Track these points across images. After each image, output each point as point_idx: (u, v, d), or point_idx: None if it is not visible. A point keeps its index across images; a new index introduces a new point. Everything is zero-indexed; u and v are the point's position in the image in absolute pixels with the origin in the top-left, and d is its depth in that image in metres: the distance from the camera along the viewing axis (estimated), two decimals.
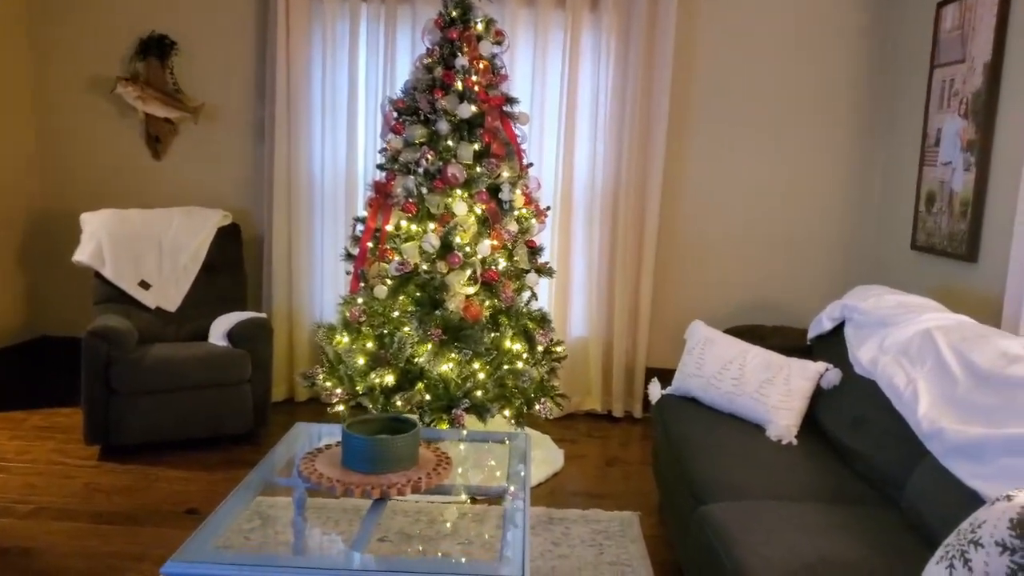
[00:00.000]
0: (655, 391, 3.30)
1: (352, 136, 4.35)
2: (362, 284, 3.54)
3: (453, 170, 3.34)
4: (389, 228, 3.45)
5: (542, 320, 3.58)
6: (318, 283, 4.49)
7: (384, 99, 3.70)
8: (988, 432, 1.88)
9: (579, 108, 4.30)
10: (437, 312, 3.36)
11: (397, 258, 3.40)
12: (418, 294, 3.41)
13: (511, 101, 3.56)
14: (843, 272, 4.44)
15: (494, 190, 3.48)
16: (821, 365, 2.90)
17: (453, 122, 3.42)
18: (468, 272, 3.37)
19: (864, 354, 2.72)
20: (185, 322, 4.09)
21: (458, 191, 3.41)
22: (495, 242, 3.44)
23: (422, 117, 3.49)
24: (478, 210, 3.44)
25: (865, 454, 2.48)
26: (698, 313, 4.51)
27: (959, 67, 3.46)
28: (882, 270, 4.17)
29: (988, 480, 1.83)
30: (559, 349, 3.64)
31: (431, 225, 3.41)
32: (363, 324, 3.47)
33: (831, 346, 3.11)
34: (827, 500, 2.26)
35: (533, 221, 3.60)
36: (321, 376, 3.56)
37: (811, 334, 3.28)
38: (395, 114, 3.57)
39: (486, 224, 3.44)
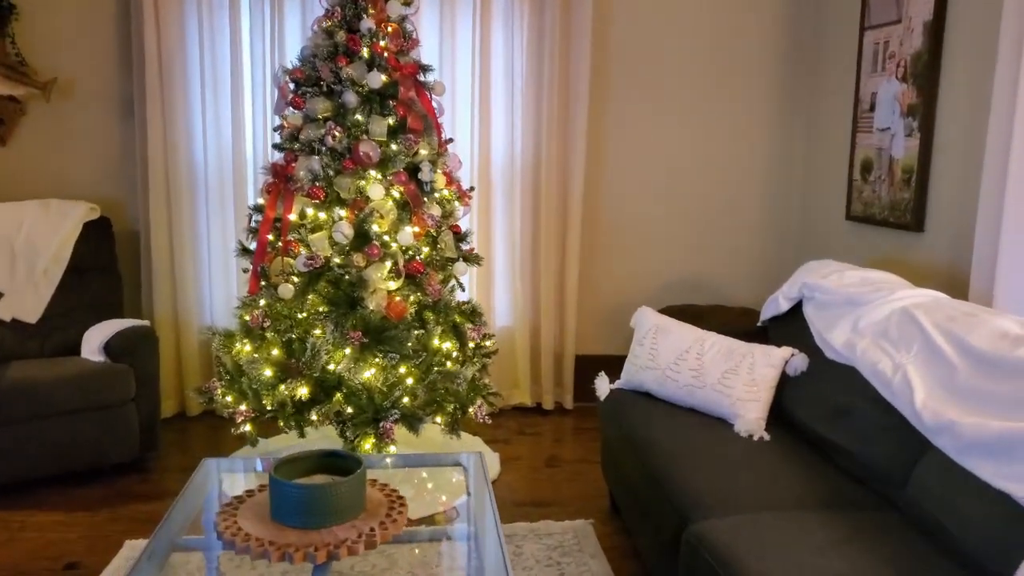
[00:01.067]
0: (603, 386, 3.01)
1: (238, 112, 3.81)
2: (263, 283, 3.07)
3: (366, 148, 2.91)
4: (292, 217, 2.99)
5: (472, 313, 3.21)
6: (206, 282, 3.95)
7: (278, 69, 3.21)
8: (1015, 427, 1.68)
9: (493, 77, 3.94)
10: (355, 312, 2.94)
11: (304, 251, 2.94)
12: (331, 292, 2.97)
13: (425, 69, 3.15)
14: (774, 247, 4.30)
15: (412, 170, 3.07)
16: (786, 350, 2.69)
17: (362, 93, 2.98)
18: (388, 264, 2.97)
19: (836, 337, 2.52)
20: (51, 335, 3.47)
21: (372, 172, 2.99)
22: (417, 229, 3.04)
23: (325, 88, 3.03)
24: (396, 193, 3.02)
25: (850, 449, 2.28)
26: (627, 295, 4.27)
27: (894, 28, 3.32)
28: (816, 243, 4.04)
29: (1022, 481, 1.63)
30: (490, 344, 3.29)
31: (342, 212, 2.98)
32: (267, 329, 3.00)
33: (788, 328, 2.91)
34: (822, 507, 2.03)
35: (456, 204, 3.22)
36: (220, 391, 3.07)
37: (765, 315, 3.07)
38: (292, 85, 3.09)
39: (405, 209, 3.04)
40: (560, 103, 3.94)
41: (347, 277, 2.93)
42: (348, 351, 2.90)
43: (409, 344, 2.95)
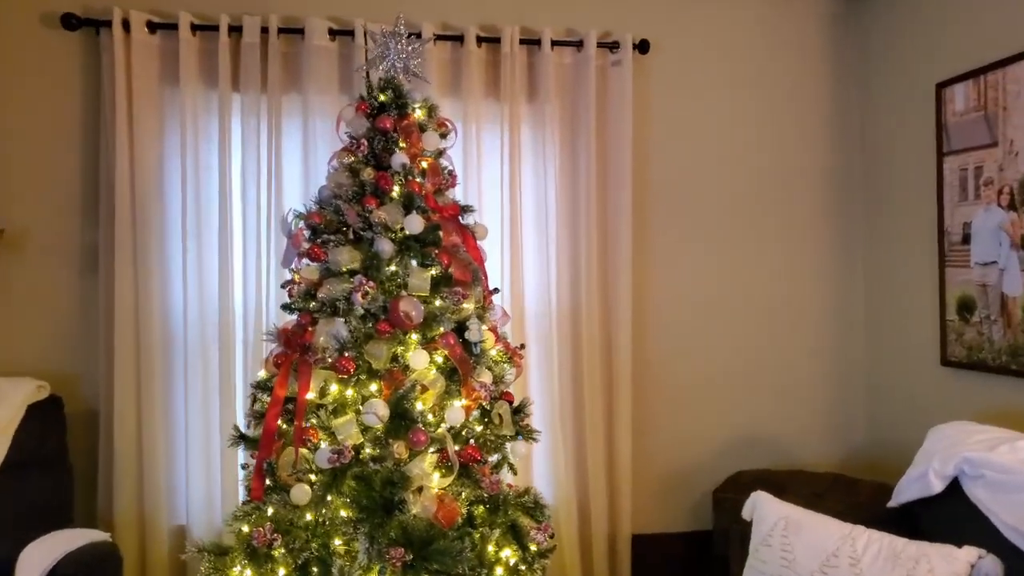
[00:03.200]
0: None
1: (226, 265, 3.21)
2: (268, 484, 2.37)
3: (406, 307, 2.31)
4: (311, 395, 2.34)
5: (536, 508, 2.54)
6: (181, 476, 3.19)
7: (288, 212, 2.65)
8: None
9: (524, 214, 3.45)
10: (390, 518, 2.24)
11: (325, 441, 2.28)
12: (361, 493, 2.28)
13: (466, 210, 2.63)
14: (841, 396, 3.76)
15: (457, 330, 2.48)
16: (970, 551, 2.08)
17: (397, 240, 2.43)
18: (434, 452, 2.31)
19: None
20: None
21: (413, 335, 2.38)
22: (467, 402, 2.41)
23: (352, 235, 2.47)
24: (439, 359, 2.41)
25: None
26: (682, 462, 3.64)
27: (988, 151, 2.96)
28: (900, 394, 3.50)
29: None
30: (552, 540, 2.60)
31: (372, 387, 2.34)
32: (275, 547, 2.27)
33: (944, 514, 2.32)
34: None
35: (506, 366, 2.62)
36: None
37: (904, 496, 2.48)
38: (308, 233, 2.52)
39: (453, 378, 2.42)
40: (599, 242, 3.46)
41: (381, 472, 2.25)
42: (387, 574, 2.18)
43: (466, 558, 2.25)
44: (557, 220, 3.45)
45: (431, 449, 2.30)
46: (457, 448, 2.34)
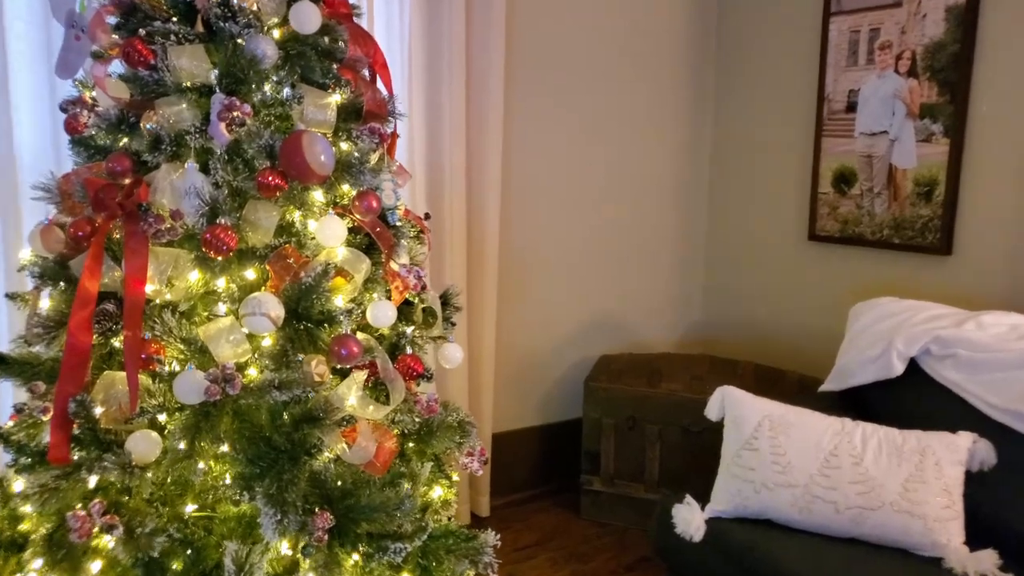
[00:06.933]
0: (692, 517, 1.96)
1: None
2: (79, 434, 1.43)
3: (314, 146, 1.46)
4: (149, 289, 1.42)
5: (462, 429, 1.91)
6: None
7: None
8: None
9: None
10: (298, 469, 1.48)
11: (182, 360, 1.41)
12: (248, 437, 1.46)
13: (356, 11, 1.78)
14: (699, 276, 3.56)
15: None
16: (966, 436, 1.92)
17: (285, 44, 1.54)
18: (363, 372, 1.56)
19: None
20: None
21: (317, 193, 1.56)
22: (395, 295, 1.67)
23: (200, 27, 1.50)
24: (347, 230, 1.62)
25: None
26: (541, 349, 3.21)
27: (888, 12, 2.78)
28: (759, 271, 3.36)
29: None
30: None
31: (249, 273, 1.50)
32: (113, 537, 1.39)
33: (904, 398, 2.17)
34: None
35: (417, 243, 1.90)
36: None
37: (856, 380, 2.28)
38: (114, 19, 1.50)
39: (375, 259, 1.64)
40: (466, 105, 2.75)
41: (289, 404, 1.46)
42: (307, 560, 1.44)
43: (411, 507, 1.58)
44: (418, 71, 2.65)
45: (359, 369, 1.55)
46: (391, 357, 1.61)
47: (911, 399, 2.14)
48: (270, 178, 1.46)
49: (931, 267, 2.74)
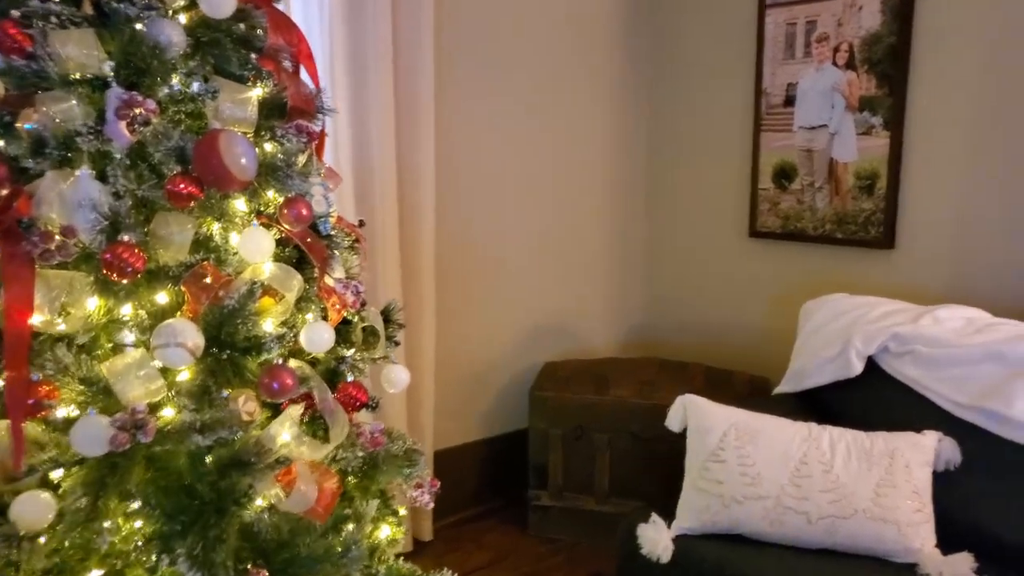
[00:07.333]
0: (658, 537, 1.84)
1: None
2: None
3: (233, 147, 1.26)
4: (36, 321, 1.19)
5: (411, 459, 1.73)
6: None
7: None
8: None
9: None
10: (226, 520, 1.27)
11: (81, 405, 1.20)
12: (165, 489, 1.25)
13: None
14: (635, 277, 3.46)
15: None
16: (931, 436, 1.86)
17: (194, 30, 1.33)
18: (298, 405, 1.37)
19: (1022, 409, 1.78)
20: None
21: (238, 202, 1.35)
22: (332, 314, 1.47)
23: (88, 9, 1.28)
24: (283, 245, 1.42)
25: None
26: (484, 359, 3.04)
27: (824, 5, 2.74)
28: (704, 270, 3.27)
29: None
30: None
31: (161, 297, 1.29)
32: None
33: (864, 398, 2.11)
34: None
35: (352, 255, 1.71)
36: None
37: (813, 382, 2.21)
38: None
39: (307, 275, 1.45)
40: (396, 92, 2.56)
41: (215, 449, 1.26)
42: None
43: (359, 553, 1.39)
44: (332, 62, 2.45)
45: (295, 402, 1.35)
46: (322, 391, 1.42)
47: (871, 398, 2.08)
48: (182, 185, 1.25)
49: (875, 261, 2.71)
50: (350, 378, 1.49)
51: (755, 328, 3.08)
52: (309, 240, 1.45)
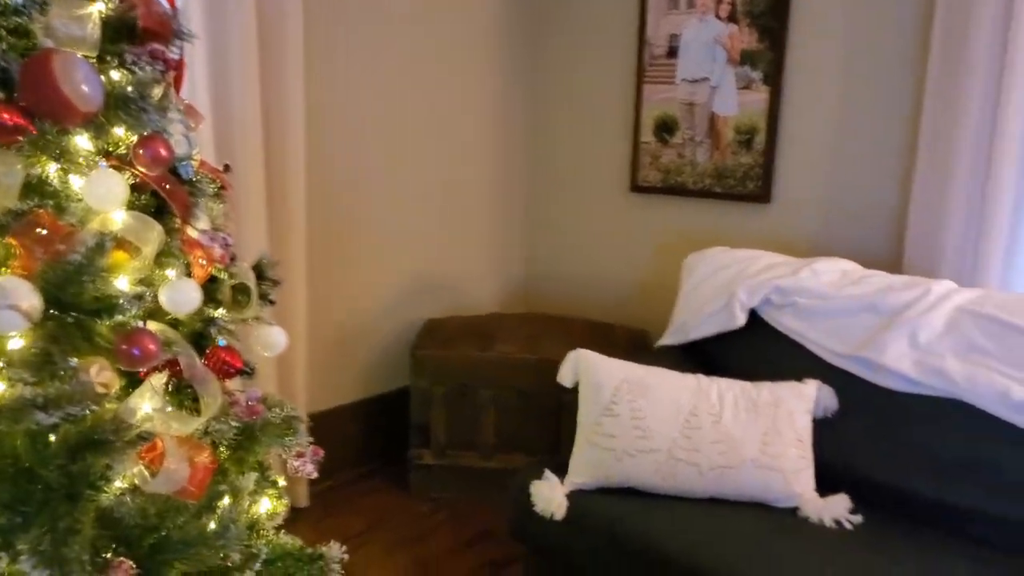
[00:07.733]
0: (553, 494, 1.80)
1: None
2: None
3: (68, 70, 1.06)
4: None
5: (291, 427, 1.58)
6: None
7: None
8: None
9: None
10: (76, 508, 1.10)
11: None
12: (3, 472, 1.06)
13: None
14: (515, 232, 3.38)
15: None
16: (811, 385, 1.92)
17: None
18: (161, 374, 1.20)
19: (892, 358, 1.86)
20: None
21: (80, 138, 1.15)
22: (197, 270, 1.30)
23: None
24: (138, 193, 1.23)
25: (1000, 516, 1.67)
26: (358, 317, 2.90)
27: None
28: (583, 225, 3.24)
29: None
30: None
31: None
32: None
33: (747, 349, 2.15)
34: None
35: (218, 203, 1.53)
36: None
37: (698, 333, 2.22)
38: None
39: (167, 225, 1.26)
40: (260, 19, 2.32)
41: (61, 427, 1.07)
42: None
43: (237, 534, 1.26)
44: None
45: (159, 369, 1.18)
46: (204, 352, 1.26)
47: (754, 350, 2.12)
48: (6, 116, 1.04)
49: (752, 215, 2.77)
50: (222, 343, 1.32)
51: (637, 282, 3.10)
52: (168, 186, 1.27)
